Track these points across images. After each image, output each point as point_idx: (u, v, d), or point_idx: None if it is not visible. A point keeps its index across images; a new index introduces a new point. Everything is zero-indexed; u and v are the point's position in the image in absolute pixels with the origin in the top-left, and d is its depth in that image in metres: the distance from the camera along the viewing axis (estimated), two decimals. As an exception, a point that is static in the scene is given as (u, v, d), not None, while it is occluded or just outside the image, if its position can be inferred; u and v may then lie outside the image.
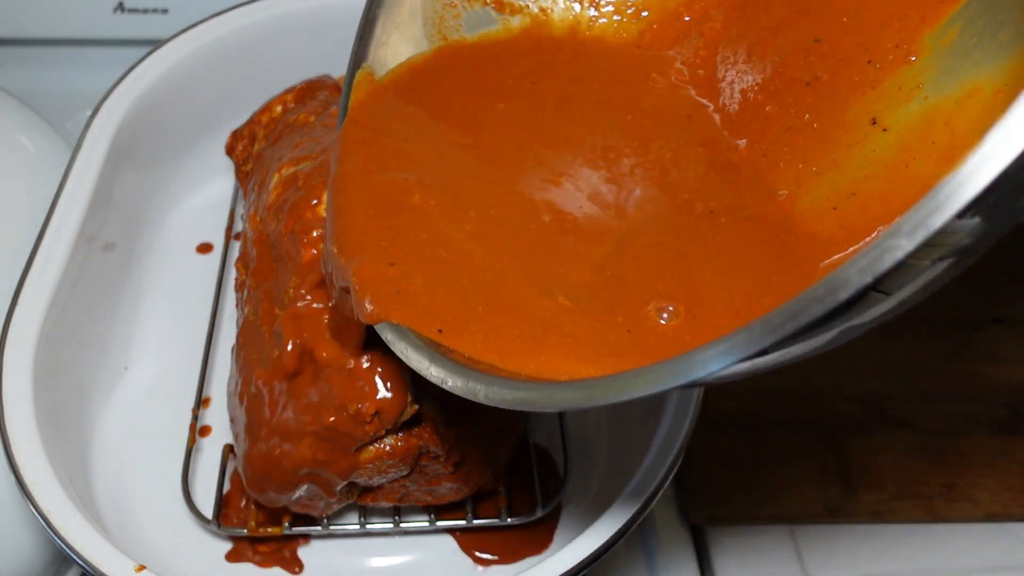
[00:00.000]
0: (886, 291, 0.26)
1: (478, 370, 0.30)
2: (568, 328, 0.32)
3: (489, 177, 0.38)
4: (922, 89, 0.34)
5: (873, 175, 0.34)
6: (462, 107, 0.41)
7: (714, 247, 0.35)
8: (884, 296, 0.27)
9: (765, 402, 0.65)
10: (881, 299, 0.26)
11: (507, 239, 0.36)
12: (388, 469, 0.46)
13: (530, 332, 0.32)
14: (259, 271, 0.52)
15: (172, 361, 0.59)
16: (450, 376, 0.30)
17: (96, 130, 0.58)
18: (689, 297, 0.33)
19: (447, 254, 0.34)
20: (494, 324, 0.32)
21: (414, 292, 0.33)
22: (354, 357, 0.44)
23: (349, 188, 0.37)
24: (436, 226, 0.35)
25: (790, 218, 0.36)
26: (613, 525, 0.44)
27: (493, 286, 0.34)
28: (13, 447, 0.45)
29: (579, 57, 0.43)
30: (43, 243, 0.52)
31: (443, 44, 0.43)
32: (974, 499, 0.61)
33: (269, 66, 0.67)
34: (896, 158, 0.34)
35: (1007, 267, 0.74)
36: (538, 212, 0.37)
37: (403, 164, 0.38)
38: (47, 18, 0.78)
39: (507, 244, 0.35)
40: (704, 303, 0.33)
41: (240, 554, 0.51)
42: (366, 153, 0.38)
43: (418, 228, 0.35)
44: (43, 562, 0.54)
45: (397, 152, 0.38)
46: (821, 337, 0.26)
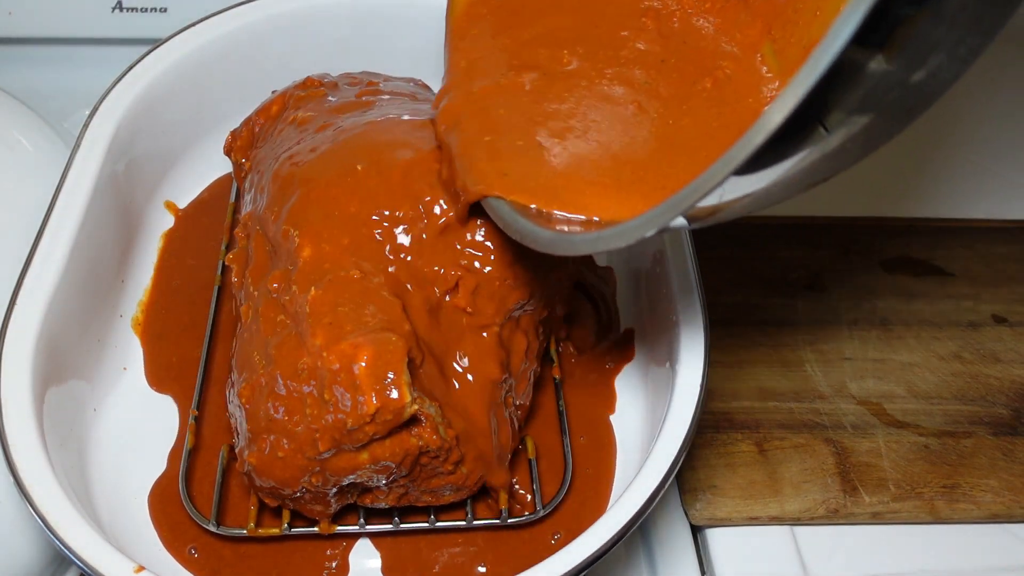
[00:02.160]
0: (825, 127, 0.33)
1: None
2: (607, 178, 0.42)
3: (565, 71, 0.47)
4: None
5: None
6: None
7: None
8: (825, 132, 0.33)
9: (766, 402, 0.65)
10: (823, 135, 0.33)
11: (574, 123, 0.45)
12: (388, 469, 0.46)
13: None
14: (258, 271, 0.52)
15: (172, 361, 0.58)
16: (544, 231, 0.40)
17: (95, 129, 0.58)
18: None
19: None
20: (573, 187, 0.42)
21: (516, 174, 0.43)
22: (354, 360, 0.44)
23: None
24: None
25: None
26: (613, 525, 0.44)
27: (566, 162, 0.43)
28: (11, 447, 0.45)
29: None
30: (42, 242, 0.52)
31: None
32: (976, 500, 0.61)
33: (268, 65, 0.67)
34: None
35: (1008, 267, 0.74)
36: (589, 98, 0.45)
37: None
38: (45, 17, 0.78)
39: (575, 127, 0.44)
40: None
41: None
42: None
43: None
44: (41, 563, 0.54)
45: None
46: (782, 166, 0.33)
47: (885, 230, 0.76)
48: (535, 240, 0.41)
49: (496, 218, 0.44)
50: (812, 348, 0.68)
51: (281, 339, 0.47)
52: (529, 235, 0.41)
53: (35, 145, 0.65)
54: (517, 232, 0.42)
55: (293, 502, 0.49)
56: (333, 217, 0.50)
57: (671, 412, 0.48)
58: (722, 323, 0.69)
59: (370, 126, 0.55)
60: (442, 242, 0.50)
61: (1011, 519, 0.61)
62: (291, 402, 0.45)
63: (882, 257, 0.74)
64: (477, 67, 0.48)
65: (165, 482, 0.53)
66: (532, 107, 0.46)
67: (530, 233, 0.41)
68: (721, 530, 0.60)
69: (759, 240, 0.74)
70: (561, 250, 0.40)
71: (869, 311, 0.70)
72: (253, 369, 0.48)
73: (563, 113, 0.45)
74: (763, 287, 0.71)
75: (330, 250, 0.49)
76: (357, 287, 0.47)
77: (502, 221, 0.43)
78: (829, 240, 0.75)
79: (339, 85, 0.62)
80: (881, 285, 0.72)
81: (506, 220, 0.43)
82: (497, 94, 0.47)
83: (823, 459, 0.62)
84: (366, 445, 0.45)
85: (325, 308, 0.46)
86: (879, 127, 0.33)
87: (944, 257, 0.74)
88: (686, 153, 0.42)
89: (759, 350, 0.68)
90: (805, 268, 0.73)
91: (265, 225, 0.53)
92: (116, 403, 0.56)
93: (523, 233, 0.41)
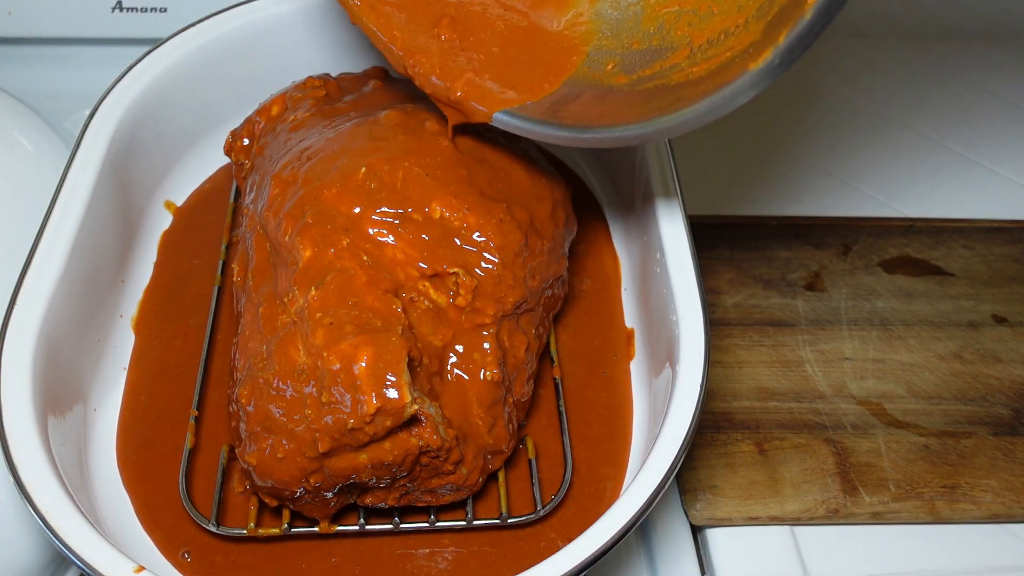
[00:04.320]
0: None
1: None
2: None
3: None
4: None
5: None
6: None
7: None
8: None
9: (766, 402, 0.65)
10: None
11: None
12: (387, 470, 0.46)
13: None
14: (258, 271, 0.52)
15: (172, 361, 0.58)
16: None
17: (95, 129, 0.58)
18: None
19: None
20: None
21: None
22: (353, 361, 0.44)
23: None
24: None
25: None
26: (613, 525, 0.44)
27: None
28: (11, 447, 0.45)
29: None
30: (41, 242, 0.52)
31: None
32: (976, 500, 0.61)
33: (268, 65, 0.67)
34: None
35: (1008, 267, 0.74)
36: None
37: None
38: (45, 17, 0.78)
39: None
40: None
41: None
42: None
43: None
44: (41, 563, 0.54)
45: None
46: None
47: (885, 230, 0.76)
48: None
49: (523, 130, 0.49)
50: (812, 348, 0.68)
51: (281, 339, 0.47)
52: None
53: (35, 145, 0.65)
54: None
55: (293, 502, 0.49)
56: (333, 218, 0.50)
57: (671, 412, 0.48)
58: (722, 323, 0.69)
59: (371, 127, 0.55)
60: (442, 242, 0.50)
61: (1011, 519, 0.61)
62: (291, 402, 0.45)
63: (882, 257, 0.74)
64: (409, 33, 0.53)
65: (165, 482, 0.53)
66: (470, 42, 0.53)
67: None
68: (721, 530, 0.60)
69: (759, 240, 0.74)
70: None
71: (869, 311, 0.70)
72: (253, 369, 0.48)
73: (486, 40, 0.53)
74: (763, 287, 0.71)
75: (330, 251, 0.49)
76: (357, 288, 0.47)
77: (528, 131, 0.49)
78: (829, 240, 0.75)
79: (339, 85, 0.62)
80: (881, 285, 0.72)
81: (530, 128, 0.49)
82: (438, 47, 0.52)
83: (823, 459, 0.62)
84: (366, 445, 0.45)
85: (325, 308, 0.46)
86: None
87: (944, 257, 0.74)
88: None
89: (759, 350, 0.68)
90: (805, 268, 0.73)
91: (266, 225, 0.53)
92: (116, 403, 0.56)
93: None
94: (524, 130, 0.49)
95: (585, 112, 0.48)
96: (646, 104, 0.45)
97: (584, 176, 0.69)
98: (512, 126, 0.50)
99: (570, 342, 0.60)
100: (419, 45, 0.52)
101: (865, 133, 0.85)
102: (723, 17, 0.45)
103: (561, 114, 0.49)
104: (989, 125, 0.86)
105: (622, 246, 0.65)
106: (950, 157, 0.84)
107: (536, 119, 0.49)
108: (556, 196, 0.56)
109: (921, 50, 0.93)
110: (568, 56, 0.52)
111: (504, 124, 0.50)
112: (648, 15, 0.51)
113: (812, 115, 0.86)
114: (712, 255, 0.73)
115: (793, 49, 0.38)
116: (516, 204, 0.53)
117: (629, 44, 0.51)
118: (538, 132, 0.49)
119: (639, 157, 0.60)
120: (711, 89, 0.41)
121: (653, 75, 0.47)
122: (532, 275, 0.52)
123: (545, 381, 0.58)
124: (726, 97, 0.40)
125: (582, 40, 0.52)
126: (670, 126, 0.43)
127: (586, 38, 0.52)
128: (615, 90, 0.48)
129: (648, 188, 0.57)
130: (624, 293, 0.63)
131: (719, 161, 0.82)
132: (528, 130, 0.49)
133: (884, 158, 0.83)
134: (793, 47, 0.38)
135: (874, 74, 0.91)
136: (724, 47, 0.43)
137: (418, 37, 0.52)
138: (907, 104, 0.88)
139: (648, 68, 0.48)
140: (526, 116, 0.49)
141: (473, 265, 0.50)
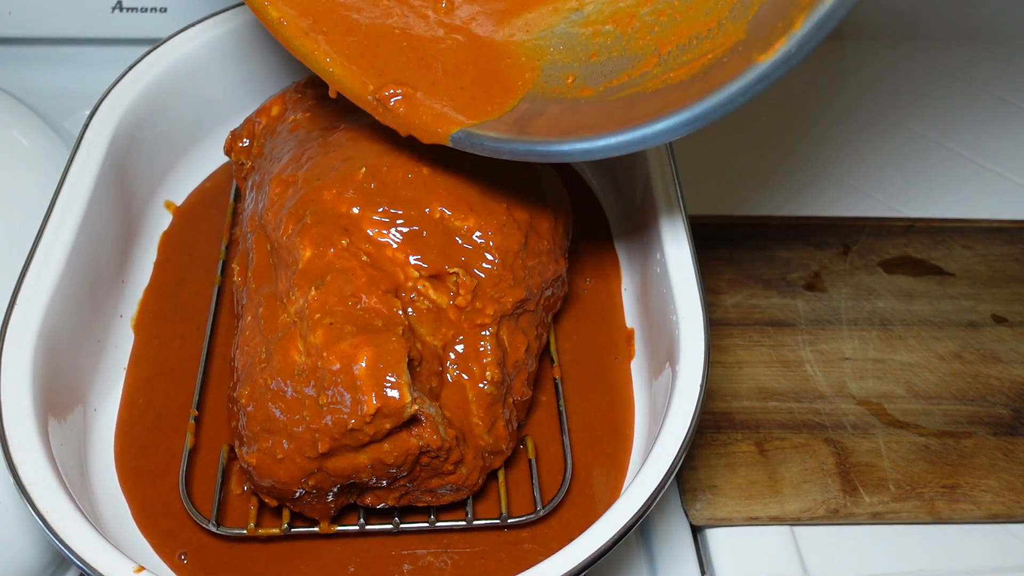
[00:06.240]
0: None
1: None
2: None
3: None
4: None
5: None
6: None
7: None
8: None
9: (766, 402, 0.65)
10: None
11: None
12: (387, 470, 0.46)
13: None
14: (258, 271, 0.52)
15: (172, 361, 0.58)
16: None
17: (94, 129, 0.58)
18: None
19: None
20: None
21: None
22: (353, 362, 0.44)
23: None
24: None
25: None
26: (613, 525, 0.44)
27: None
28: (11, 447, 0.45)
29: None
30: (41, 242, 0.52)
31: None
32: (976, 500, 0.61)
33: (268, 65, 0.67)
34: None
35: (1008, 267, 0.74)
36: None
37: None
38: (45, 17, 0.78)
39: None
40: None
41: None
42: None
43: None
44: (41, 563, 0.54)
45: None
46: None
47: (885, 230, 0.76)
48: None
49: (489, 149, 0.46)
50: (812, 348, 0.68)
51: (281, 339, 0.47)
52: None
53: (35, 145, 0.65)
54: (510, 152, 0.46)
55: (293, 502, 0.49)
56: (333, 218, 0.50)
57: (671, 412, 0.48)
58: (722, 323, 0.69)
59: (370, 128, 0.55)
60: (442, 242, 0.50)
61: (1011, 519, 0.61)
62: (291, 403, 0.45)
63: (882, 257, 0.74)
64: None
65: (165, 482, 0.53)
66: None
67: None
68: (721, 530, 0.60)
69: (759, 240, 0.74)
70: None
71: (869, 311, 0.70)
72: (253, 369, 0.48)
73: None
74: (763, 287, 0.71)
75: (330, 251, 0.49)
76: (357, 288, 0.47)
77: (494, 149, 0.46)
78: (829, 240, 0.75)
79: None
80: (881, 285, 0.72)
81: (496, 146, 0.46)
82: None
83: (823, 459, 0.62)
84: (366, 445, 0.45)
85: (325, 308, 0.46)
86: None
87: (944, 257, 0.74)
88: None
89: (759, 350, 0.68)
90: (805, 268, 0.73)
91: (266, 226, 0.53)
92: (116, 403, 0.56)
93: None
94: (489, 150, 0.46)
95: (556, 126, 0.45)
96: (626, 112, 0.43)
97: (585, 176, 0.69)
98: (475, 146, 0.46)
99: (570, 342, 0.60)
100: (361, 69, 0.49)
101: (865, 133, 0.85)
102: (689, 23, 0.44)
103: (529, 129, 0.46)
104: (989, 125, 0.86)
105: (622, 246, 0.65)
106: (950, 157, 0.84)
107: (501, 136, 0.46)
108: (556, 196, 0.56)
109: (921, 50, 0.93)
110: (520, 72, 0.49)
111: (465, 146, 0.47)
112: (599, 28, 0.49)
113: (812, 115, 0.86)
114: (712, 255, 0.73)
115: (814, 35, 0.37)
116: (516, 204, 0.53)
117: (586, 57, 0.49)
118: (505, 150, 0.46)
119: (640, 157, 0.60)
120: (708, 89, 0.40)
121: (622, 85, 0.45)
122: (532, 275, 0.52)
123: (545, 381, 0.58)
124: (734, 93, 0.39)
125: (532, 56, 0.50)
126: (665, 129, 0.41)
127: (537, 53, 0.50)
128: (584, 103, 0.46)
129: (648, 188, 0.57)
130: (624, 293, 0.63)
131: (719, 161, 0.82)
132: (493, 149, 0.46)
133: (884, 158, 0.83)
134: (814, 33, 0.36)
135: (874, 74, 0.91)
136: (699, 51, 0.42)
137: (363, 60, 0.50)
138: (907, 104, 0.88)
139: (615, 79, 0.46)
140: (488, 135, 0.46)
141: (473, 265, 0.50)
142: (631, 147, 0.42)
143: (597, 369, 0.59)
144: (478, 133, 0.46)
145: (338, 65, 0.49)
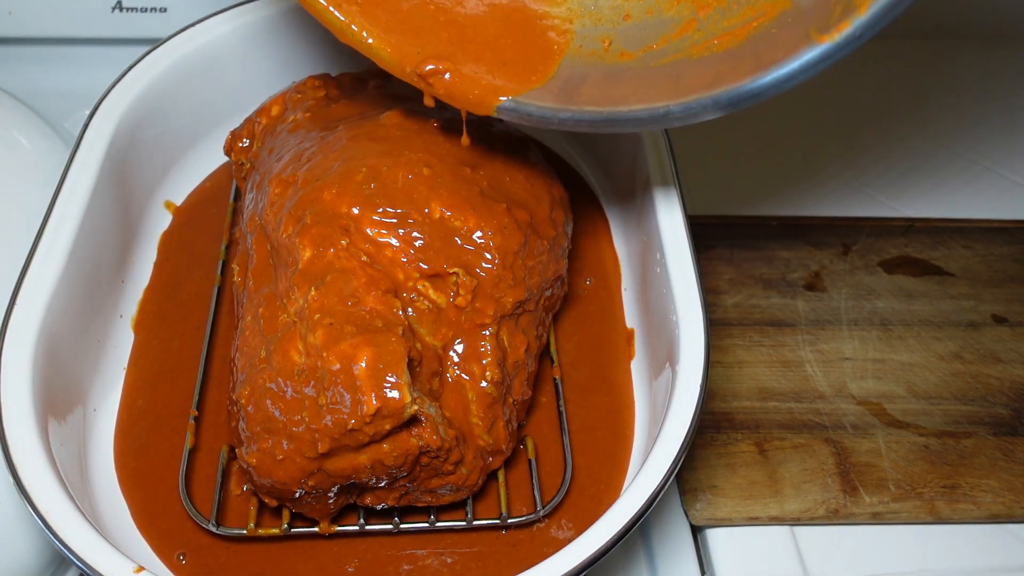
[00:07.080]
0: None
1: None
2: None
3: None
4: None
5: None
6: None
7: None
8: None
9: (766, 402, 0.65)
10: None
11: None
12: (387, 470, 0.46)
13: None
14: (258, 271, 0.52)
15: (172, 361, 0.58)
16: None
17: (94, 129, 0.58)
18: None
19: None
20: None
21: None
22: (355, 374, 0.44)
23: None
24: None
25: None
26: (613, 525, 0.44)
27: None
28: (11, 447, 0.45)
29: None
30: (41, 242, 0.52)
31: None
32: (976, 500, 0.61)
33: (268, 65, 0.67)
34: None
35: (1008, 267, 0.74)
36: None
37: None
38: (45, 17, 0.78)
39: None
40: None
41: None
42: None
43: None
44: (41, 563, 0.54)
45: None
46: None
47: (885, 230, 0.76)
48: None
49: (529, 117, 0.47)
50: (812, 348, 0.68)
51: (281, 340, 0.47)
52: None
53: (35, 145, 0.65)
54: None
55: (293, 502, 0.49)
56: (333, 218, 0.50)
57: (671, 412, 0.48)
58: (722, 323, 0.69)
59: (371, 127, 0.55)
60: (442, 242, 0.50)
61: (1011, 519, 0.61)
62: (291, 403, 0.45)
63: (882, 257, 0.74)
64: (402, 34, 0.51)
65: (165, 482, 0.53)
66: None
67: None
68: (721, 530, 0.60)
69: (759, 240, 0.74)
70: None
71: (869, 311, 0.70)
72: (253, 369, 0.48)
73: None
74: (763, 287, 0.71)
75: (330, 251, 0.49)
76: (357, 288, 0.47)
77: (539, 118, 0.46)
78: (829, 240, 0.75)
79: (339, 85, 0.62)
80: (881, 285, 0.72)
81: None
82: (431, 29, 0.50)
83: (823, 459, 0.62)
84: (366, 446, 0.45)
85: (325, 309, 0.46)
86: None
87: (944, 257, 0.74)
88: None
89: (759, 350, 0.68)
90: (805, 268, 0.73)
91: (266, 226, 0.53)
92: (115, 403, 0.56)
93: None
94: (537, 119, 0.46)
95: (603, 94, 0.45)
96: (674, 81, 0.43)
97: (584, 175, 0.69)
98: (522, 116, 0.47)
99: (570, 342, 0.60)
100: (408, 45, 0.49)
101: (865, 133, 0.85)
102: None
103: (575, 98, 0.46)
104: (989, 125, 0.86)
105: (622, 246, 0.65)
106: (950, 157, 0.84)
107: (547, 105, 0.46)
108: (555, 196, 0.56)
109: (921, 50, 0.93)
110: (556, 36, 0.49)
111: (511, 115, 0.47)
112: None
113: (812, 115, 0.86)
114: (712, 255, 0.73)
115: (880, 19, 0.38)
116: (516, 204, 0.53)
117: (619, 18, 0.48)
118: (553, 119, 0.46)
119: (638, 156, 0.60)
120: (765, 64, 0.39)
121: (664, 50, 0.45)
122: (531, 275, 0.52)
123: (545, 381, 0.58)
124: (795, 70, 0.39)
125: (565, 18, 0.50)
126: (721, 100, 0.41)
127: (569, 15, 0.50)
128: (626, 68, 0.46)
129: (648, 188, 0.57)
130: (624, 293, 0.63)
131: (719, 161, 0.82)
132: (543, 118, 0.46)
133: (884, 158, 0.83)
134: (879, 17, 0.38)
135: (874, 74, 0.91)
136: (741, 17, 0.42)
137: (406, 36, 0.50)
138: (907, 104, 0.88)
139: (654, 43, 0.46)
140: (536, 104, 0.46)
141: (473, 265, 0.50)
142: (682, 120, 0.43)
143: (597, 369, 0.59)
144: (525, 102, 0.47)
145: (377, 37, 0.49)
